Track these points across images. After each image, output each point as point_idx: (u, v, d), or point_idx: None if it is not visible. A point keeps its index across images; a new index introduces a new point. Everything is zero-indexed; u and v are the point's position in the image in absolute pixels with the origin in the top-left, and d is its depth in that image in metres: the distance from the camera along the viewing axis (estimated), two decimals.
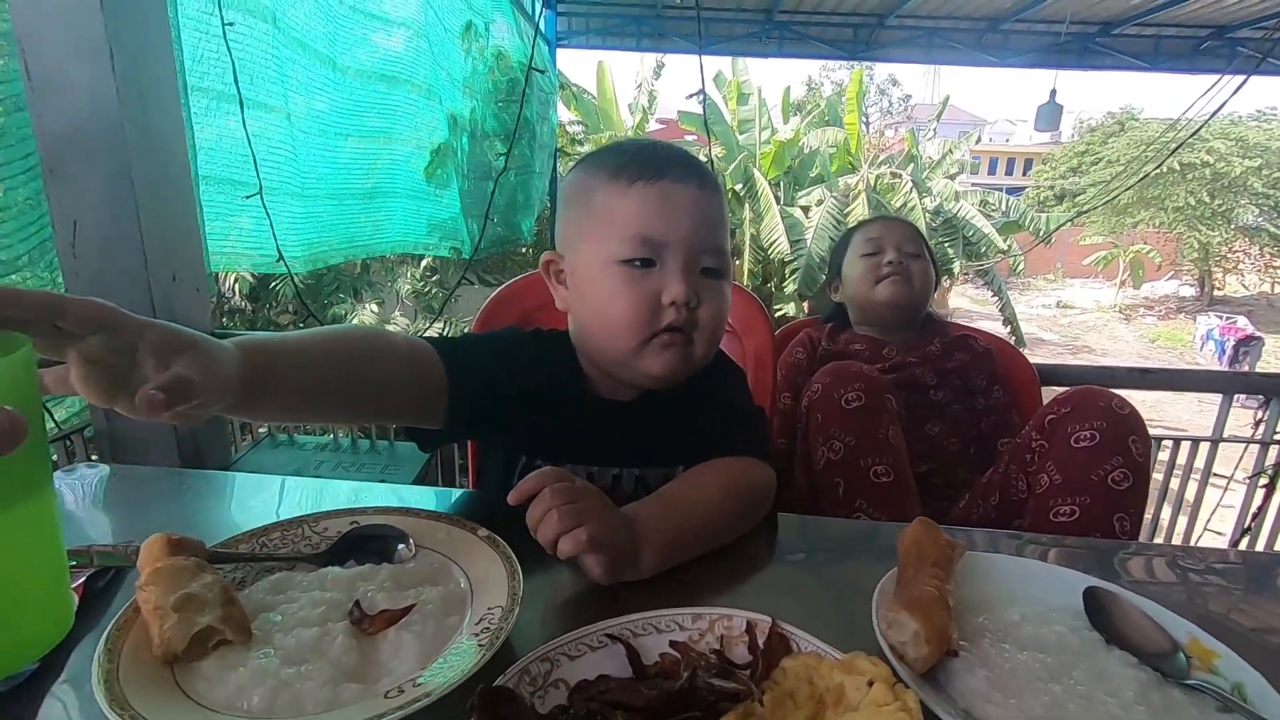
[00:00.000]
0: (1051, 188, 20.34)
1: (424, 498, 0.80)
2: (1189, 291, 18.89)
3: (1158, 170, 15.35)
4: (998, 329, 12.58)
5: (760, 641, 0.49)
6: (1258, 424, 1.56)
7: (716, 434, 0.75)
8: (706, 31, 6.49)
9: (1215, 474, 1.65)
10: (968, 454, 1.24)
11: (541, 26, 5.35)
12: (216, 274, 3.97)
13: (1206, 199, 15.44)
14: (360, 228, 2.76)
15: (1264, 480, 1.56)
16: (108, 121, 1.28)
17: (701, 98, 2.89)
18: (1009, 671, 0.49)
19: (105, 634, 0.46)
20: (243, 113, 1.49)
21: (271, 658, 0.46)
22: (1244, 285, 18.58)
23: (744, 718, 0.43)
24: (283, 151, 2.00)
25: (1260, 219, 15.86)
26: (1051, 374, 1.47)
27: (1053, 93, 5.12)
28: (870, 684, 0.44)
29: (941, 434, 1.23)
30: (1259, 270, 18.15)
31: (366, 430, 1.72)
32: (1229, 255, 17.31)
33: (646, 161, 0.70)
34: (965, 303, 18.64)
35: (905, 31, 6.44)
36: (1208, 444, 1.59)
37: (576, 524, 0.55)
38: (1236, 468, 1.61)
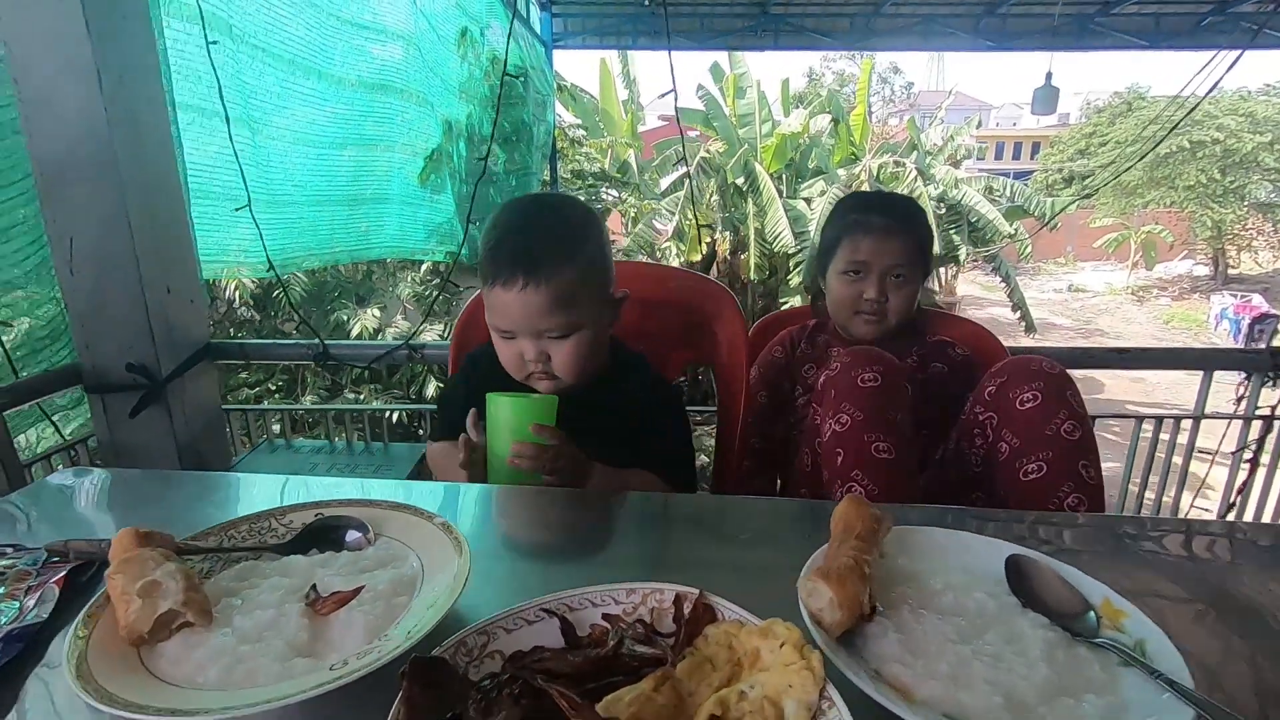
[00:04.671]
0: (1060, 171, 20.13)
1: (416, 492, 0.84)
2: (1203, 271, 18.65)
3: (1167, 150, 15.18)
4: (1007, 315, 12.52)
5: (686, 611, 0.52)
6: (1239, 400, 1.57)
7: (650, 450, 0.99)
8: (701, 26, 6.51)
9: (1203, 451, 1.66)
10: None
11: (537, 28, 5.38)
12: (218, 284, 4.05)
13: (1218, 176, 15.23)
14: (354, 233, 2.81)
15: (1247, 455, 1.56)
16: (98, 141, 1.33)
17: (674, 97, 2.89)
18: (921, 635, 0.51)
19: (77, 619, 0.50)
20: (228, 126, 1.53)
21: (229, 637, 0.50)
22: (1258, 263, 18.31)
23: (660, 681, 0.46)
24: (274, 163, 2.05)
25: (1273, 195, 15.62)
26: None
27: (1048, 75, 5.08)
28: (783, 646, 0.47)
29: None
30: (1274, 247, 17.88)
31: (362, 434, 1.77)
32: (1242, 233, 17.06)
33: (492, 263, 0.92)
34: (975, 289, 18.52)
35: (902, 19, 6.40)
36: (1190, 421, 1.60)
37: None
38: (1221, 442, 1.62)
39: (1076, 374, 1.02)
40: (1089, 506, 0.87)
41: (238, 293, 4.16)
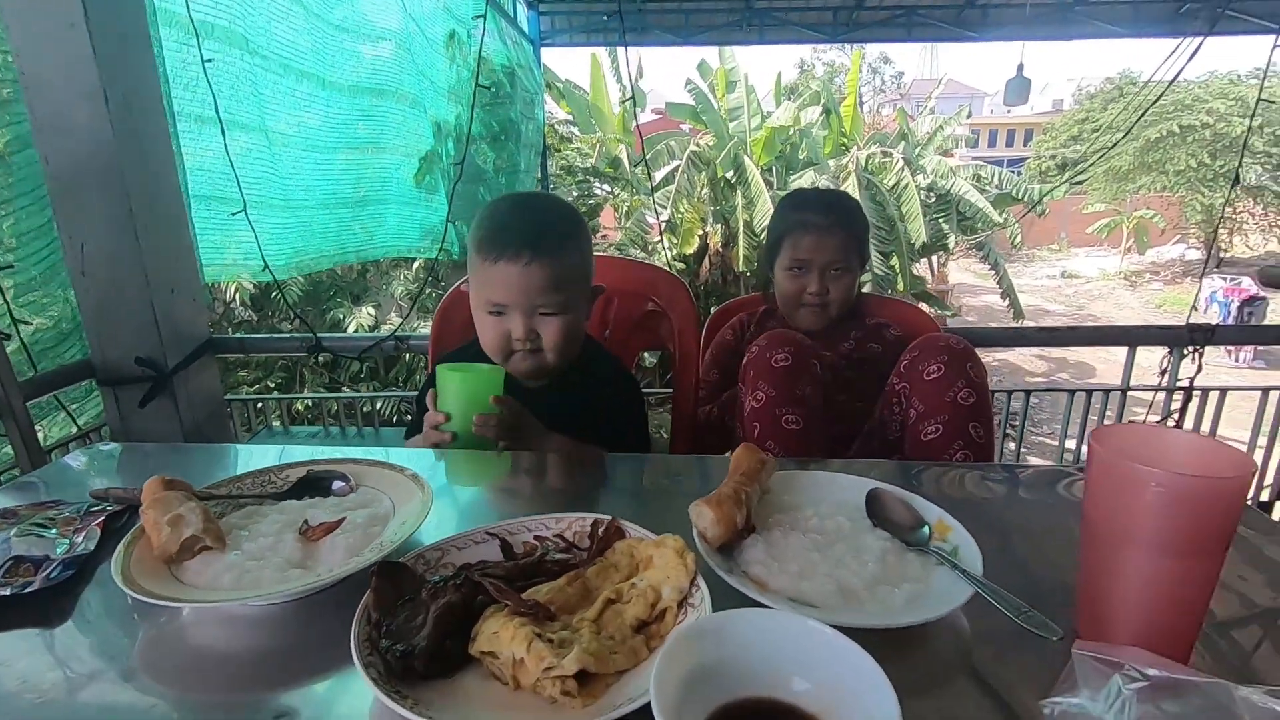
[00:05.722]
0: (1053, 157, 20.23)
1: (393, 457, 0.97)
2: (1195, 255, 18.76)
3: (1158, 135, 15.28)
4: (998, 302, 12.66)
5: (601, 531, 0.66)
6: (1162, 373, 1.70)
7: (606, 433, 1.06)
8: (686, 22, 6.60)
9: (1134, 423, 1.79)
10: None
11: (525, 27, 5.48)
12: (218, 286, 4.18)
13: (1208, 160, 15.33)
14: (350, 234, 2.92)
15: (1170, 424, 1.69)
16: (106, 155, 1.46)
17: (630, 93, 3.03)
18: (785, 546, 0.65)
19: (122, 543, 0.63)
20: (224, 137, 1.66)
21: (239, 556, 0.63)
22: (1249, 246, 18.43)
23: (573, 579, 0.59)
24: (271, 167, 2.17)
25: (1264, 178, 15.72)
26: (967, 336, 1.61)
27: (1019, 67, 5.19)
28: (670, 552, 0.61)
29: (848, 400, 1.37)
30: (1264, 230, 18.00)
31: (354, 420, 1.90)
32: (1234, 216, 17.17)
33: (494, 241, 0.99)
34: (970, 277, 18.63)
35: (885, 11, 6.47)
36: (1118, 394, 1.73)
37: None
38: (1147, 413, 1.75)
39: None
40: (974, 460, 1.01)
41: (237, 295, 4.30)
